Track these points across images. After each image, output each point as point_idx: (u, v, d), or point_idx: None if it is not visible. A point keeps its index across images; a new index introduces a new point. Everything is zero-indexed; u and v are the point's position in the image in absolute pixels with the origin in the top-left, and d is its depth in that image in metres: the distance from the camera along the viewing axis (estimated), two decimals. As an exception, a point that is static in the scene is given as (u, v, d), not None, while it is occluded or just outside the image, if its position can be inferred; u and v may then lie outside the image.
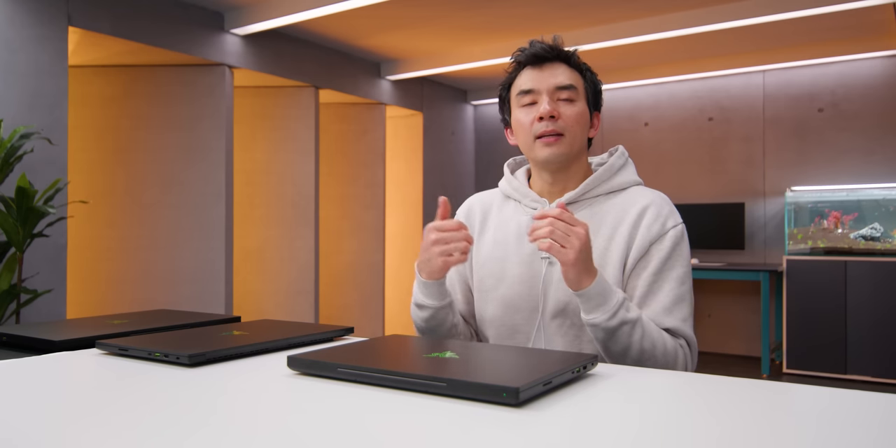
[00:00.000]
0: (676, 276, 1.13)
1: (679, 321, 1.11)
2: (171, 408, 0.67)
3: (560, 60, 1.19)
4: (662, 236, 1.14)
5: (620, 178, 1.23)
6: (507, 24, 4.01)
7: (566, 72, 1.19)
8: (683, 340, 1.12)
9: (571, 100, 1.17)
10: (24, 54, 2.91)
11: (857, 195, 4.34)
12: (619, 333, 1.05)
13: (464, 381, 0.70)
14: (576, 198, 1.20)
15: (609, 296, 1.05)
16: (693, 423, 0.63)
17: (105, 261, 3.75)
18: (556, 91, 1.17)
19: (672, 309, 1.11)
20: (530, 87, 1.18)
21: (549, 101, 1.16)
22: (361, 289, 5.01)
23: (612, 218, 1.17)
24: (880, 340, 4.02)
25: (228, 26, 3.77)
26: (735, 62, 4.75)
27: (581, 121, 1.18)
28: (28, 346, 1.07)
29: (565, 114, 1.16)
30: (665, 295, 1.12)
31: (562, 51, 1.20)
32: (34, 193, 2.55)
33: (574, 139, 1.18)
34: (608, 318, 1.04)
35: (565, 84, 1.17)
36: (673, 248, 1.14)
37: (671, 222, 1.16)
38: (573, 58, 1.21)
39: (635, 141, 5.31)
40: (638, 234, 1.15)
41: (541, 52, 1.18)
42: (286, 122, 4.39)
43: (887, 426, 0.61)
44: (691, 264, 1.19)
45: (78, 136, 3.70)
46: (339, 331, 1.13)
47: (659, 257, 1.13)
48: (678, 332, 1.11)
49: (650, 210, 1.16)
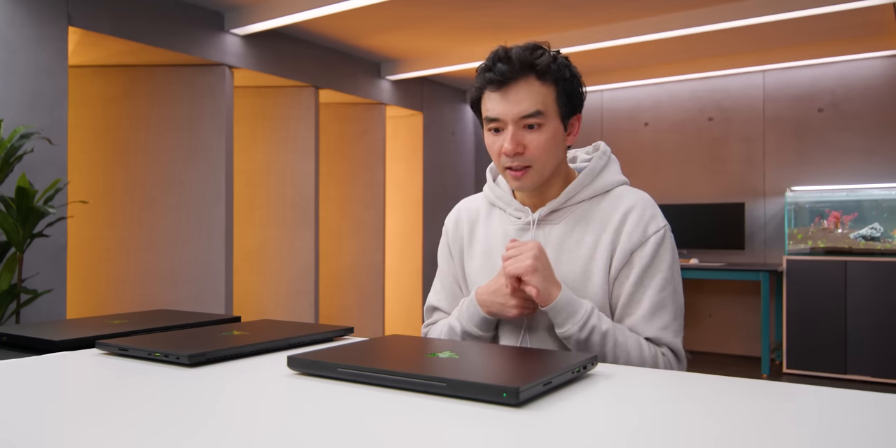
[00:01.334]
0: (657, 284, 1.11)
1: (658, 330, 1.10)
2: (170, 408, 0.67)
3: (527, 74, 1.09)
4: (644, 243, 1.12)
5: (603, 180, 1.19)
6: (507, 24, 4.01)
7: (531, 93, 1.09)
8: (666, 348, 1.11)
9: (539, 125, 1.10)
10: (24, 54, 2.91)
11: (857, 195, 4.34)
12: (591, 344, 1.05)
13: (464, 381, 0.70)
14: (558, 206, 1.18)
15: (577, 307, 1.06)
16: (693, 423, 0.62)
17: (105, 261, 3.75)
18: (521, 120, 1.10)
19: (651, 317, 1.10)
20: (494, 115, 1.12)
21: (514, 132, 1.10)
22: (361, 289, 5.01)
23: (596, 225, 1.16)
24: (880, 340, 4.02)
25: (228, 26, 3.77)
26: (735, 62, 4.75)
27: (550, 147, 1.12)
28: (28, 346, 1.07)
29: (531, 144, 1.10)
30: (645, 303, 1.11)
31: (528, 62, 1.09)
32: (34, 193, 2.55)
33: (544, 167, 1.13)
34: (579, 329, 1.05)
35: (530, 112, 1.09)
36: (654, 254, 1.12)
37: (652, 227, 1.13)
38: (541, 67, 1.09)
39: (635, 141, 5.31)
40: (619, 241, 1.13)
41: (502, 75, 1.09)
42: (286, 122, 4.39)
43: (887, 426, 0.61)
44: (678, 267, 1.16)
45: (78, 137, 3.70)
46: (339, 331, 1.13)
47: (640, 265, 1.12)
48: (658, 340, 1.10)
49: (631, 216, 1.14)
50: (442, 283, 1.32)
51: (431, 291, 1.34)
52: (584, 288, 1.14)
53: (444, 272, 1.32)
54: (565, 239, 1.17)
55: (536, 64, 1.09)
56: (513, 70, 1.09)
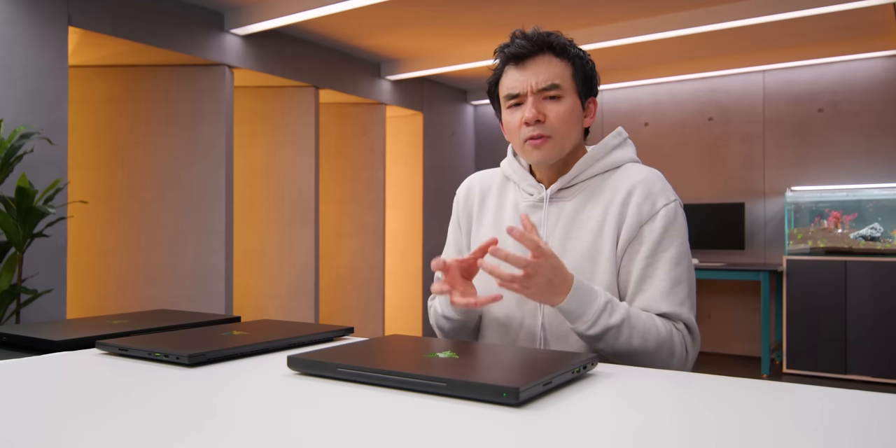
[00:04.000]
0: (670, 258, 1.09)
1: (676, 305, 1.08)
2: (170, 408, 0.67)
3: (544, 51, 1.14)
4: (654, 216, 1.11)
5: (614, 156, 1.19)
6: (507, 24, 4.01)
7: (550, 67, 1.13)
8: (681, 323, 1.10)
9: (558, 97, 1.13)
10: (24, 54, 2.91)
11: (857, 195, 4.34)
12: (606, 338, 1.04)
13: (464, 381, 0.70)
14: (569, 182, 1.18)
15: (587, 305, 1.02)
16: (693, 422, 0.62)
17: (105, 261, 3.75)
18: (541, 92, 1.13)
19: (668, 293, 1.08)
20: (514, 91, 1.15)
21: (534, 102, 1.13)
22: (361, 289, 5.01)
23: (604, 198, 1.15)
24: (880, 340, 4.02)
25: (228, 26, 3.77)
26: (735, 62, 4.75)
27: (569, 118, 1.14)
28: (28, 346, 1.07)
29: (551, 114, 1.13)
30: (660, 279, 1.09)
31: (544, 40, 1.13)
32: (34, 193, 2.55)
33: (563, 139, 1.15)
34: (589, 326, 1.03)
35: (548, 84, 1.12)
36: (665, 228, 1.10)
37: (662, 200, 1.12)
38: (557, 45, 1.14)
39: (635, 141, 5.26)
40: (627, 214, 1.11)
41: (521, 49, 1.13)
42: (286, 122, 4.39)
43: (887, 426, 0.61)
44: (688, 243, 1.14)
45: (78, 136, 3.70)
46: (338, 331, 1.13)
47: (651, 239, 1.10)
48: (675, 316, 1.09)
49: (639, 188, 1.12)
50: (446, 254, 1.34)
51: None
52: (593, 263, 1.12)
53: (450, 245, 1.33)
54: (576, 215, 1.16)
55: (552, 42, 1.14)
56: (532, 45, 1.13)
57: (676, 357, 1.07)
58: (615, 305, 1.05)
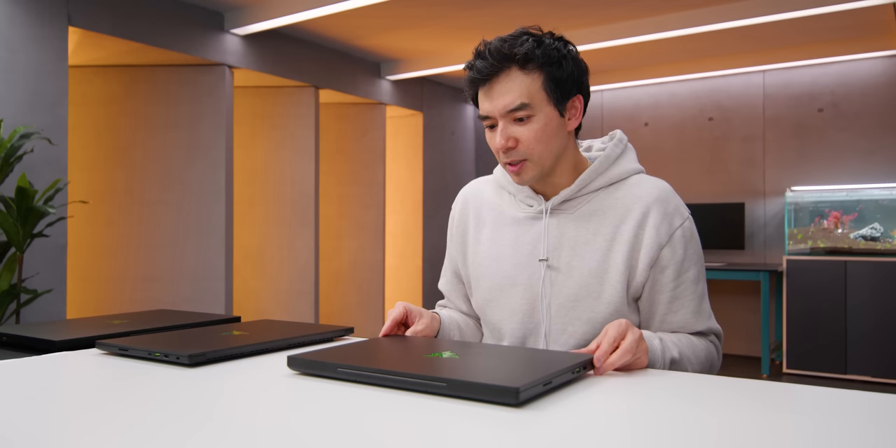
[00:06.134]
0: (693, 277, 1.13)
1: (706, 320, 1.13)
2: (170, 408, 0.67)
3: (508, 66, 1.06)
4: (672, 237, 1.11)
5: (619, 167, 1.16)
6: (507, 24, 4.01)
7: (515, 85, 1.06)
8: (713, 335, 1.15)
9: (529, 117, 1.07)
10: (24, 54, 2.91)
11: (857, 195, 4.34)
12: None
13: (464, 381, 0.70)
14: (572, 194, 1.15)
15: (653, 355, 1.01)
16: (693, 422, 0.62)
17: (105, 260, 3.75)
18: (508, 114, 1.07)
19: (698, 311, 1.13)
20: (485, 114, 1.10)
21: (503, 127, 1.08)
22: (361, 289, 5.01)
23: (614, 215, 1.13)
24: (880, 340, 4.02)
25: (228, 26, 3.77)
26: (735, 62, 4.75)
27: (543, 136, 1.09)
28: (28, 346, 1.07)
29: (522, 137, 1.08)
30: (689, 299, 1.12)
31: (505, 54, 1.06)
32: (34, 193, 2.55)
33: (541, 158, 1.11)
34: (661, 367, 1.03)
35: (516, 105, 1.06)
36: (685, 248, 1.12)
37: (678, 220, 1.12)
38: (521, 55, 1.05)
39: (635, 141, 5.30)
40: (645, 236, 1.10)
41: (484, 69, 1.07)
42: (286, 121, 4.39)
43: (887, 426, 0.61)
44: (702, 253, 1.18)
45: (78, 136, 3.70)
46: (338, 331, 1.13)
47: (675, 261, 1.11)
48: (709, 330, 1.14)
49: (654, 209, 1.11)
50: (444, 269, 1.35)
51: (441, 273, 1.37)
52: (600, 282, 1.11)
53: (447, 265, 1.34)
54: (580, 230, 1.14)
55: (515, 54, 1.05)
56: (492, 65, 1.07)
57: (716, 367, 1.15)
58: (668, 345, 1.05)
